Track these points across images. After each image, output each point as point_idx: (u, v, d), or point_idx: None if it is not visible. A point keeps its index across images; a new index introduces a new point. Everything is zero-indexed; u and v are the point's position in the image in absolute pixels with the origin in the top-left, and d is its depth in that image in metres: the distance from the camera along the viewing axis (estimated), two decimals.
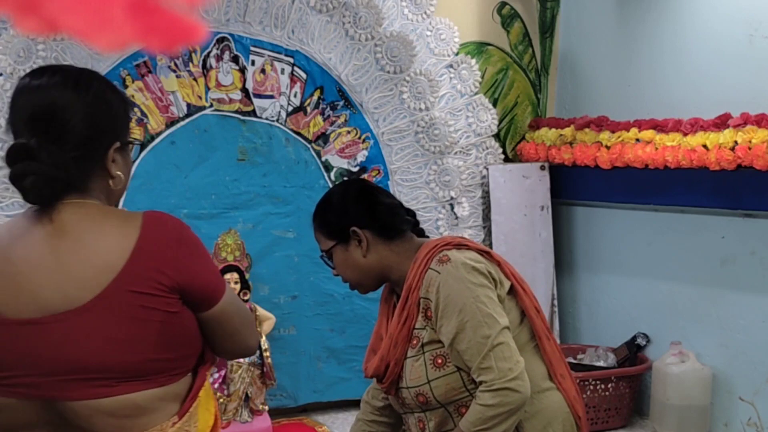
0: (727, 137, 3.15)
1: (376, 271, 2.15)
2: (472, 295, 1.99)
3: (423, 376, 2.05)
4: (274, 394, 3.48)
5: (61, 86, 1.46)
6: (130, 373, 1.45)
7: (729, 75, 3.32)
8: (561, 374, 2.12)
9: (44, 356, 1.44)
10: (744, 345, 3.29)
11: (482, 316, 1.97)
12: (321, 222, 2.19)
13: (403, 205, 2.25)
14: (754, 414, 3.27)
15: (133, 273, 1.43)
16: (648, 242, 3.66)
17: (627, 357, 3.61)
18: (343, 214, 2.14)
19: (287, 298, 3.53)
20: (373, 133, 3.66)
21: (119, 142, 1.52)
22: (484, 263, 2.06)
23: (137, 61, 3.23)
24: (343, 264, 2.16)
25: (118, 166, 1.52)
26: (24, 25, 0.60)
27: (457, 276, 2.01)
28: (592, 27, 3.99)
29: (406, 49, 3.63)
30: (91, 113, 1.47)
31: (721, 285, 3.37)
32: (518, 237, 3.89)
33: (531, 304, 2.13)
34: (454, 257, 2.03)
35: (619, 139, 3.60)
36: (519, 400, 1.94)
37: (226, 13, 3.36)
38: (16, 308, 1.44)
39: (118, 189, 1.55)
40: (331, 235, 2.16)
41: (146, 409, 1.47)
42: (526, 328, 2.11)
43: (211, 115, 3.39)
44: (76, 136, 1.45)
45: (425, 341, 2.06)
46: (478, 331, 1.96)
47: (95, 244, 1.46)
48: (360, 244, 2.12)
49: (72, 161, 1.45)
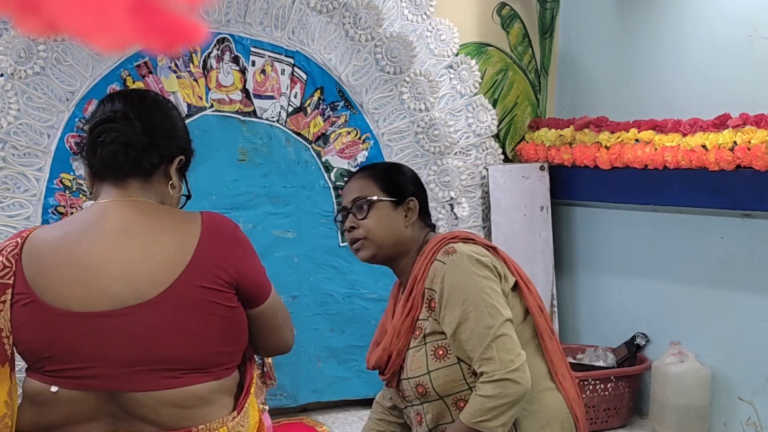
0: (727, 138, 3.15)
1: (400, 245, 2.16)
2: (477, 286, 2.00)
3: (423, 367, 2.06)
4: (275, 394, 3.48)
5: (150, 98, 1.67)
6: (196, 365, 1.51)
7: (728, 75, 3.32)
8: (562, 374, 2.12)
9: (114, 348, 1.47)
10: (743, 345, 3.30)
11: (486, 306, 1.98)
12: (383, 175, 2.21)
13: None
14: (754, 414, 3.27)
15: (199, 268, 1.51)
16: (647, 242, 3.66)
17: (626, 357, 3.61)
18: (410, 182, 2.22)
19: (287, 298, 3.53)
20: (373, 134, 3.67)
21: (184, 158, 1.66)
22: (490, 257, 2.08)
23: (138, 61, 3.24)
24: (381, 220, 2.15)
25: (178, 177, 1.65)
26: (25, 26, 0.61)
27: (462, 267, 2.02)
28: (592, 27, 3.99)
29: (406, 49, 3.64)
30: (174, 119, 1.66)
31: (720, 285, 3.37)
32: (518, 237, 3.90)
33: (534, 302, 2.13)
34: (460, 249, 2.05)
35: (619, 140, 3.60)
36: (519, 392, 1.94)
37: (226, 14, 3.36)
38: (86, 301, 1.48)
39: (174, 197, 1.65)
40: (390, 191, 2.17)
41: (207, 401, 1.52)
42: (528, 326, 2.11)
43: (212, 115, 3.40)
44: (157, 125, 1.61)
45: (427, 332, 2.07)
46: (481, 321, 1.97)
47: (162, 240, 1.52)
48: (407, 213, 2.16)
49: (148, 142, 1.58)
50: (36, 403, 1.52)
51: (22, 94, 3.06)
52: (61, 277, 1.49)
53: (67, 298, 1.48)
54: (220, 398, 1.55)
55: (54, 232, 1.57)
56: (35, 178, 3.09)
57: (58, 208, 3.13)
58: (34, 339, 1.50)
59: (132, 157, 1.56)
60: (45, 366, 1.51)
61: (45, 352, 1.50)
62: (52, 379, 1.50)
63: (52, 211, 3.12)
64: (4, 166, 3.06)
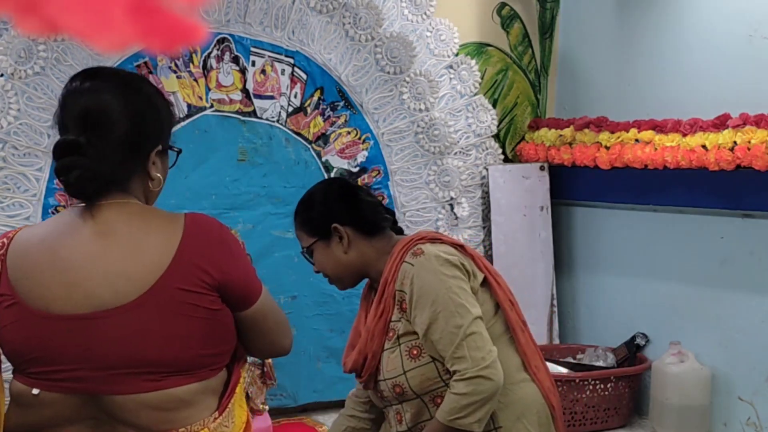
0: (726, 138, 3.15)
1: (356, 267, 2.20)
2: (445, 286, 2.03)
3: (399, 367, 2.09)
4: (274, 394, 3.48)
5: (112, 89, 1.53)
6: (178, 367, 1.50)
7: (728, 75, 3.32)
8: (536, 366, 2.15)
9: (94, 351, 1.47)
10: (743, 345, 3.30)
11: (454, 306, 2.01)
12: (303, 219, 2.24)
13: (382, 203, 2.32)
14: (753, 414, 3.27)
15: (179, 271, 1.48)
16: (647, 242, 3.66)
17: (626, 357, 3.61)
18: (325, 212, 2.19)
19: (287, 298, 3.53)
20: (373, 134, 3.67)
21: (161, 145, 1.59)
22: (458, 256, 2.10)
23: (138, 61, 3.23)
24: (324, 260, 2.22)
25: (157, 169, 1.59)
26: (25, 26, 0.61)
27: (430, 268, 2.05)
28: (592, 27, 3.99)
29: (406, 49, 3.64)
30: (139, 117, 1.54)
31: (720, 285, 3.37)
32: (518, 237, 3.90)
33: (505, 296, 2.16)
34: (427, 250, 2.07)
35: (619, 140, 3.60)
36: (492, 388, 1.97)
37: (226, 14, 3.36)
38: (67, 303, 1.47)
39: (155, 191, 1.61)
40: (312, 232, 2.21)
41: (188, 403, 1.51)
42: (500, 320, 2.14)
43: (212, 115, 3.40)
44: (122, 137, 1.52)
45: (401, 333, 2.10)
46: (450, 321, 2.00)
47: (142, 242, 1.50)
48: (341, 240, 2.17)
49: (117, 160, 1.51)
50: (20, 405, 1.53)
51: (22, 94, 3.06)
52: (43, 278, 1.49)
53: (48, 300, 1.48)
54: (204, 399, 1.54)
55: (38, 231, 1.57)
56: (35, 178, 3.09)
57: (58, 208, 3.13)
58: (17, 341, 1.51)
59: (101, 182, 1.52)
60: (28, 368, 1.51)
61: (28, 355, 1.50)
62: (35, 382, 1.50)
63: (52, 211, 3.12)
64: (4, 166, 3.06)
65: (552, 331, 3.96)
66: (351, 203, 2.21)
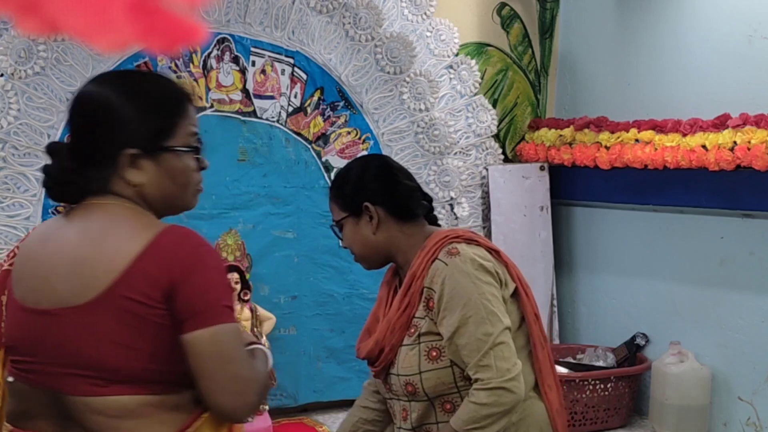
0: (726, 138, 3.15)
1: (383, 249, 2.13)
2: (478, 291, 1.97)
3: (415, 366, 2.04)
4: (275, 394, 3.48)
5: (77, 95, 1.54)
6: (123, 376, 1.46)
7: (728, 75, 3.33)
8: (548, 385, 2.10)
9: (51, 347, 1.47)
10: (743, 345, 3.30)
11: (486, 313, 1.96)
12: (337, 193, 2.17)
13: (420, 189, 2.23)
14: (753, 414, 3.27)
15: (131, 280, 1.44)
16: (647, 242, 3.66)
17: (626, 357, 3.61)
18: (359, 189, 2.12)
19: (287, 298, 3.53)
20: (373, 134, 3.67)
21: (133, 149, 1.50)
22: (493, 262, 2.05)
23: (138, 61, 3.24)
24: (351, 237, 2.14)
25: (143, 174, 1.52)
26: (25, 26, 0.61)
27: (465, 271, 1.99)
28: (592, 28, 3.99)
29: (406, 49, 3.64)
30: (89, 124, 1.51)
31: (720, 285, 3.37)
32: (518, 237, 3.90)
33: (532, 309, 2.11)
34: (463, 251, 2.02)
35: (619, 140, 3.60)
36: (513, 401, 1.93)
37: (226, 14, 3.36)
38: (35, 296, 1.49)
39: (153, 195, 1.54)
40: (344, 207, 2.14)
41: (135, 413, 1.47)
42: (523, 333, 2.09)
43: (212, 115, 3.40)
44: (75, 144, 1.52)
45: (423, 331, 2.04)
46: (480, 327, 1.95)
47: (105, 245, 1.48)
48: (371, 220, 2.10)
49: (75, 168, 1.50)
50: (7, 394, 1.57)
51: (22, 94, 3.06)
52: (25, 270, 1.53)
53: (24, 292, 1.51)
54: (159, 414, 1.48)
55: (42, 226, 1.62)
56: (35, 178, 3.09)
57: (58, 208, 3.13)
58: (5, 329, 1.55)
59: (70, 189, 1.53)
60: (10, 356, 1.55)
61: (9, 342, 1.54)
62: (12, 371, 1.54)
63: (52, 211, 3.13)
64: (4, 166, 3.06)
65: (552, 331, 3.96)
66: (387, 184, 2.14)
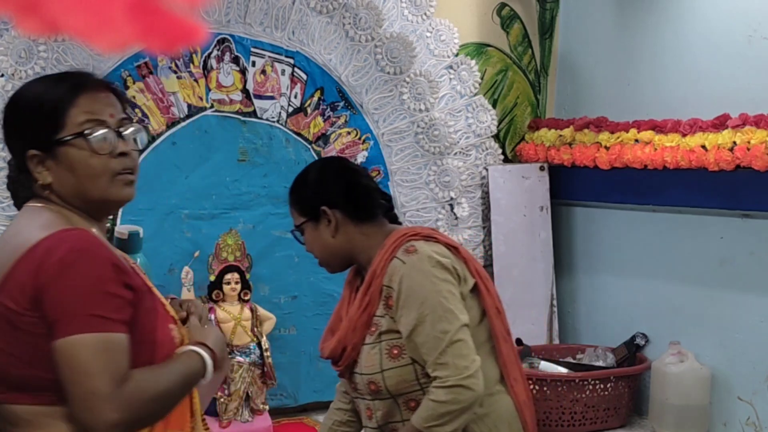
0: (726, 138, 3.16)
1: (343, 251, 2.15)
2: (435, 288, 1.98)
3: (377, 365, 2.05)
4: (275, 394, 3.49)
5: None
6: (10, 384, 1.46)
7: (728, 75, 3.33)
8: (514, 378, 2.11)
9: None
10: (743, 345, 3.30)
11: (443, 310, 1.97)
12: (295, 198, 2.19)
13: (379, 188, 2.24)
14: (753, 414, 3.27)
15: (6, 286, 1.44)
16: (647, 242, 3.66)
17: (626, 357, 3.61)
18: (316, 192, 2.14)
19: (287, 298, 3.54)
20: (373, 134, 3.67)
21: (33, 150, 1.52)
22: (450, 258, 2.05)
23: (138, 62, 3.24)
24: (312, 241, 2.17)
25: (50, 173, 1.53)
26: (25, 26, 0.61)
27: (422, 269, 2.00)
28: (592, 28, 4.00)
29: (406, 50, 3.64)
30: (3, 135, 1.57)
31: (719, 285, 3.37)
32: (518, 237, 3.90)
33: (493, 304, 2.11)
34: (421, 249, 2.03)
35: (618, 140, 3.60)
36: (472, 398, 1.94)
37: (226, 14, 3.37)
38: None
39: (63, 192, 1.54)
40: (302, 212, 2.16)
41: (31, 424, 1.46)
42: (484, 328, 2.09)
43: (212, 115, 3.40)
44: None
45: (383, 330, 2.06)
46: (437, 325, 1.96)
47: (4, 250, 1.49)
48: (329, 224, 2.12)
49: (16, 177, 1.57)
50: None
51: None
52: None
53: None
54: (56, 424, 1.45)
55: None
56: None
57: None
58: None
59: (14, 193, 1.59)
60: None
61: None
62: None
63: None
64: (4, 167, 3.06)
65: (552, 331, 3.96)
66: (344, 186, 2.15)
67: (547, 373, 3.43)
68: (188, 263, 3.23)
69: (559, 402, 3.38)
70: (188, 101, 3.35)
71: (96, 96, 1.57)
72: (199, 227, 3.35)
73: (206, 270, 3.24)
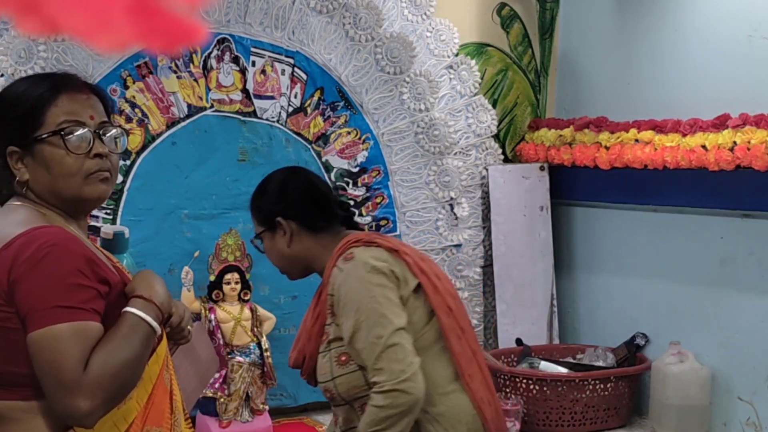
0: (726, 138, 3.16)
1: (299, 261, 2.21)
2: (369, 294, 2.01)
3: (329, 373, 2.08)
4: (275, 394, 3.48)
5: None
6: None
7: (728, 75, 3.33)
8: (470, 375, 2.11)
9: None
10: (743, 345, 3.30)
11: (377, 316, 1.99)
12: (254, 208, 2.26)
13: (336, 198, 2.29)
14: (753, 414, 3.27)
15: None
16: (647, 242, 3.66)
17: (626, 357, 3.61)
18: (272, 203, 2.20)
19: (287, 298, 3.53)
20: (373, 134, 3.67)
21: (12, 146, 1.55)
22: (389, 262, 2.08)
23: (138, 62, 3.24)
24: (269, 250, 2.24)
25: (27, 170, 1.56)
26: (25, 26, 0.61)
27: (357, 275, 2.04)
28: (592, 28, 4.00)
29: (406, 50, 3.64)
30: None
31: (720, 285, 3.37)
32: (518, 237, 3.90)
33: (442, 302, 2.12)
34: (358, 255, 2.06)
35: (619, 140, 3.60)
36: (410, 402, 1.95)
37: (226, 14, 3.37)
38: None
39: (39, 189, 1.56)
40: (260, 222, 2.23)
41: (7, 419, 1.48)
42: (434, 327, 2.10)
43: (212, 115, 3.40)
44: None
45: (331, 338, 2.09)
46: (372, 330, 1.99)
47: None
48: (285, 234, 2.17)
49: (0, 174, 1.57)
50: None
51: None
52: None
53: None
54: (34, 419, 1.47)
55: None
56: None
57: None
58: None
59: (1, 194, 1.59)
60: None
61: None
62: None
63: None
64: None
65: (552, 331, 3.96)
66: (301, 197, 2.20)
67: (547, 373, 3.43)
68: (188, 263, 3.23)
69: (559, 402, 3.38)
70: (188, 101, 3.35)
71: (76, 97, 1.59)
72: (199, 227, 3.35)
73: (206, 270, 3.24)
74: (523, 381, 3.40)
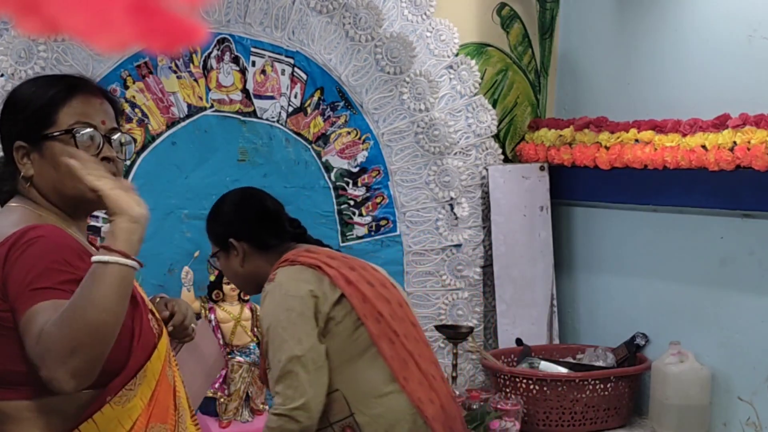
0: (726, 138, 3.15)
1: (252, 279, 2.29)
2: (277, 318, 2.09)
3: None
4: None
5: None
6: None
7: (728, 75, 3.32)
8: (404, 377, 2.15)
9: None
10: (743, 345, 3.30)
11: (280, 340, 2.07)
12: (208, 228, 2.37)
13: (285, 216, 2.37)
14: (753, 414, 3.27)
15: None
16: (647, 242, 3.66)
17: (626, 357, 3.61)
18: (225, 225, 2.30)
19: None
20: (373, 134, 3.67)
21: (22, 141, 1.57)
22: (307, 281, 2.12)
23: (138, 62, 3.24)
24: (225, 269, 2.35)
25: (32, 166, 1.57)
26: (25, 26, 0.61)
27: (272, 298, 2.13)
28: (592, 28, 3.99)
29: (406, 50, 3.64)
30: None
31: (720, 285, 3.37)
32: (518, 237, 3.90)
33: (371, 309, 2.15)
34: (278, 277, 2.14)
35: (619, 140, 3.60)
36: (298, 429, 2.02)
37: (226, 14, 3.37)
38: None
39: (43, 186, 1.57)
40: (215, 242, 2.34)
41: (13, 418, 1.48)
42: (364, 334, 2.15)
43: (212, 115, 3.40)
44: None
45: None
46: (276, 354, 2.08)
47: None
48: (237, 254, 2.27)
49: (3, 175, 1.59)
50: None
51: None
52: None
53: None
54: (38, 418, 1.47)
55: None
56: None
57: None
58: None
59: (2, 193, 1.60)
60: None
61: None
62: None
63: None
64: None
65: (552, 331, 3.96)
66: (251, 219, 2.29)
67: (547, 373, 3.43)
68: (188, 263, 3.23)
69: (559, 402, 3.38)
70: (188, 101, 3.35)
71: (91, 100, 1.61)
72: (199, 227, 3.33)
73: (206, 270, 3.24)
74: (523, 381, 3.40)
